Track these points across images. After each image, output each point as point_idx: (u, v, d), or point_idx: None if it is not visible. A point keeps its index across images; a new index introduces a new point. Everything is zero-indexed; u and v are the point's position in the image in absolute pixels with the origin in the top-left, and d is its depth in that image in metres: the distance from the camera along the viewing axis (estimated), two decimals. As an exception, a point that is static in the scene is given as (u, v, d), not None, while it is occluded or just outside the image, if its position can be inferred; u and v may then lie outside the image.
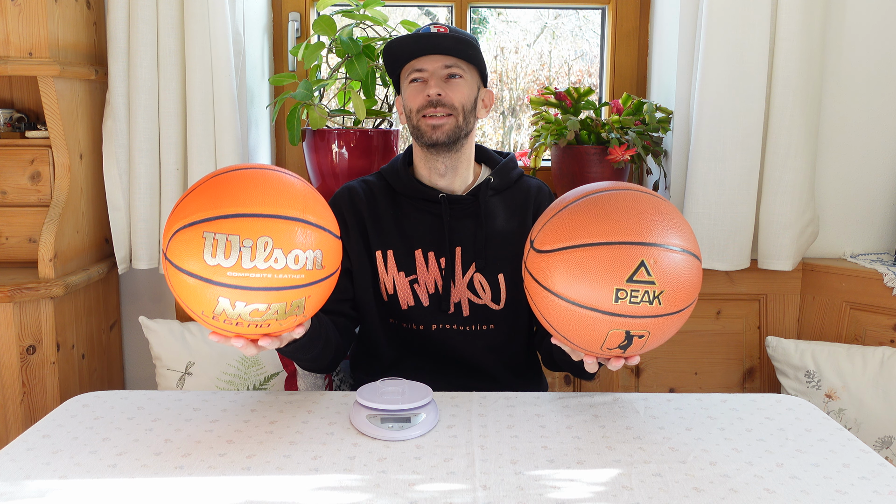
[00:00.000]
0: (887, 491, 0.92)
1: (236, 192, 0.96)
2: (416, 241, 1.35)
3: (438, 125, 1.29)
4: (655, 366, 2.03)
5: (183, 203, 0.97)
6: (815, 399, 1.78)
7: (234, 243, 0.92)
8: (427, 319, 1.35)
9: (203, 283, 0.94)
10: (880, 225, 2.03)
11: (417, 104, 1.30)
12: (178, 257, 0.94)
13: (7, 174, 1.83)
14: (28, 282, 1.67)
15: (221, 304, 0.95)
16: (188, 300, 0.97)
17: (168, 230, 0.97)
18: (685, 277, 0.99)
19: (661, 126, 1.96)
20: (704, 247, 1.89)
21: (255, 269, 0.93)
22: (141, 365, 2.14)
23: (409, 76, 1.32)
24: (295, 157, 2.24)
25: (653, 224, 0.99)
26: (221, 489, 0.92)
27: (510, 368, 1.40)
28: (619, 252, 0.97)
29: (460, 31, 1.32)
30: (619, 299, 0.96)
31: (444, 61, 1.30)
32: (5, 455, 1.00)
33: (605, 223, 0.99)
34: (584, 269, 0.98)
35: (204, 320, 0.99)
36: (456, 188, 1.37)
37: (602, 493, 0.91)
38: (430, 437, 1.06)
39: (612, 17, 2.21)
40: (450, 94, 1.29)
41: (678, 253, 0.99)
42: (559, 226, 1.03)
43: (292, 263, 0.95)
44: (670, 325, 1.01)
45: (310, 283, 0.99)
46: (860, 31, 1.95)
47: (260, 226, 0.94)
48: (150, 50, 1.84)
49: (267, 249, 0.93)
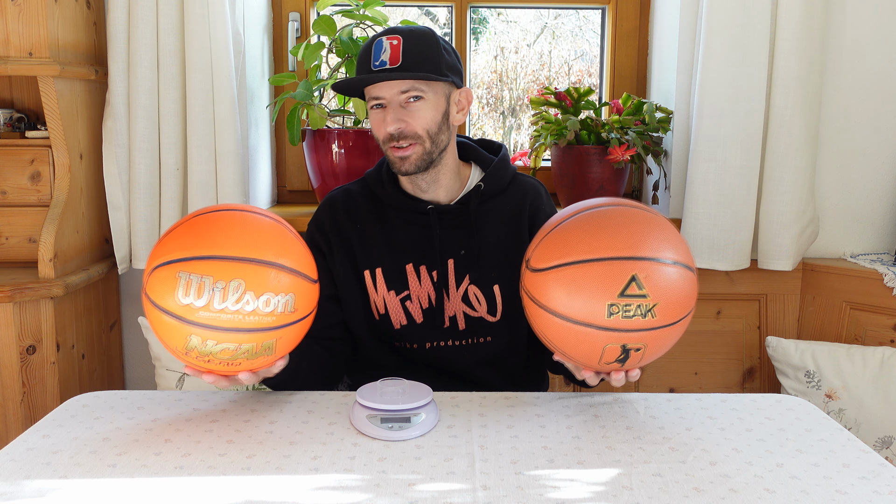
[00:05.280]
0: (887, 491, 0.92)
1: (213, 234, 1.00)
2: (406, 256, 1.31)
3: (405, 157, 1.23)
4: (655, 366, 2.03)
5: (163, 241, 1.02)
6: (815, 399, 1.78)
7: (207, 284, 0.96)
8: (421, 338, 1.32)
9: (176, 320, 0.98)
10: (880, 225, 2.03)
11: (380, 136, 1.25)
12: (154, 294, 0.99)
13: (7, 174, 1.83)
14: (28, 282, 1.67)
15: (193, 342, 0.99)
16: (163, 335, 1.01)
17: (147, 267, 1.01)
18: (678, 290, 1.00)
19: (661, 126, 1.96)
20: (704, 247, 1.88)
21: (225, 311, 0.97)
22: (141, 365, 2.14)
23: (369, 102, 1.25)
24: (295, 157, 2.24)
25: (644, 239, 1.01)
26: (221, 489, 0.92)
27: (509, 380, 1.37)
28: (611, 268, 0.99)
29: (415, 37, 1.22)
30: (612, 314, 0.98)
31: (400, 87, 1.21)
32: (5, 455, 1.00)
33: (597, 240, 1.01)
34: (578, 285, 1.00)
35: (178, 354, 1.03)
36: (442, 199, 1.32)
37: (602, 493, 0.91)
38: (430, 437, 1.06)
39: (612, 17, 2.21)
40: (411, 123, 1.22)
41: (670, 266, 1.00)
42: (552, 244, 1.05)
43: (262, 306, 0.98)
44: (666, 337, 1.03)
45: (280, 326, 1.02)
46: (860, 31, 1.95)
47: (233, 268, 0.97)
48: (150, 50, 1.84)
49: (238, 292, 0.97)
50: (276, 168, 2.26)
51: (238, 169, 1.87)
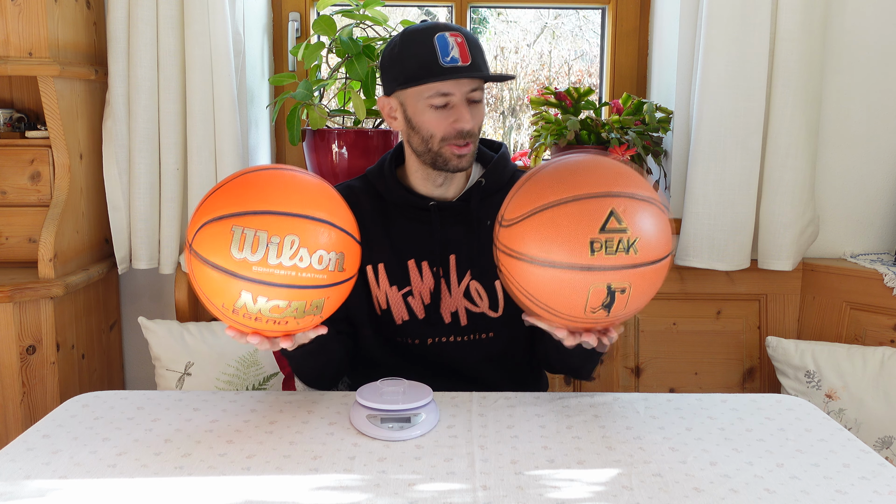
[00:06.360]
0: (887, 491, 0.92)
1: (266, 191, 0.99)
2: (408, 252, 1.32)
3: (464, 154, 1.25)
4: (655, 366, 2.03)
5: (212, 197, 1.00)
6: (815, 399, 1.78)
7: (262, 239, 0.95)
8: (422, 334, 1.33)
9: (227, 276, 0.96)
10: (880, 225, 2.03)
11: (443, 132, 1.24)
12: (204, 249, 0.97)
13: (7, 174, 1.83)
14: (28, 282, 1.67)
15: (243, 298, 0.97)
16: (210, 292, 0.99)
17: (195, 223, 0.99)
18: (655, 224, 1.00)
19: (661, 126, 1.96)
20: (704, 247, 1.88)
21: (280, 266, 0.96)
22: (140, 365, 2.14)
23: (430, 98, 1.22)
24: (295, 157, 2.24)
25: (616, 177, 1.01)
26: (221, 489, 0.92)
27: (511, 377, 1.38)
28: (588, 205, 0.97)
29: (470, 37, 1.24)
30: (595, 251, 0.96)
31: (471, 85, 1.23)
32: (5, 455, 1.00)
33: (569, 181, 1.00)
34: (556, 227, 0.97)
35: (223, 313, 1.01)
36: (449, 195, 1.34)
37: (602, 493, 0.91)
38: (430, 437, 1.06)
39: (612, 17, 2.21)
40: (474, 123, 1.25)
41: (645, 201, 1.00)
42: (524, 195, 1.03)
43: (316, 263, 0.98)
44: (649, 277, 1.00)
45: (331, 285, 1.02)
46: (860, 30, 1.95)
47: (288, 224, 0.97)
48: (150, 50, 1.84)
49: (293, 247, 0.96)
50: (276, 168, 2.25)
51: (238, 169, 1.87)
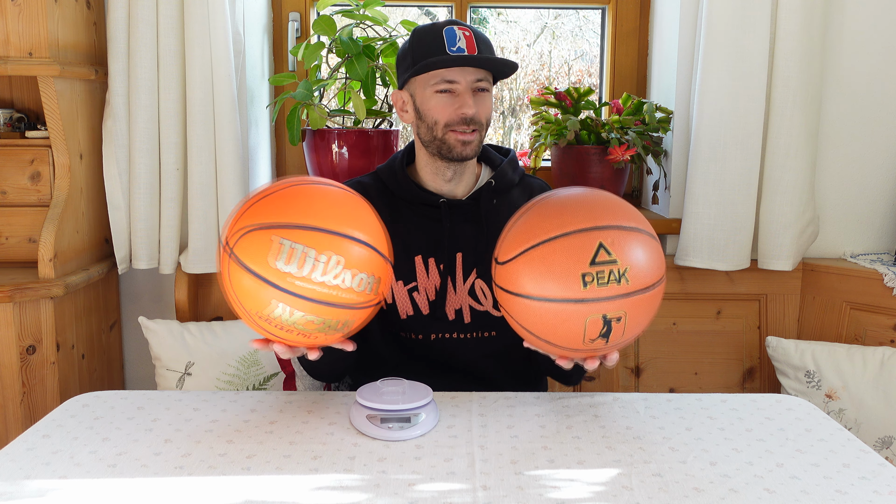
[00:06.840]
0: (887, 491, 0.92)
1: (316, 206, 1.00)
2: (416, 248, 1.34)
3: (468, 141, 1.27)
4: (655, 366, 2.03)
5: (259, 203, 1.00)
6: (815, 399, 1.78)
7: (311, 256, 0.96)
8: (426, 329, 1.34)
9: (266, 284, 0.96)
10: (880, 225, 2.03)
11: (447, 118, 1.27)
12: (245, 254, 0.97)
13: (7, 174, 1.83)
14: (28, 282, 1.67)
15: (280, 309, 0.97)
16: (243, 298, 0.99)
17: (237, 225, 0.99)
18: (645, 252, 1.02)
19: (661, 126, 1.96)
20: (704, 247, 1.88)
21: (322, 284, 0.97)
22: (141, 365, 2.14)
23: (436, 85, 1.27)
24: (295, 157, 2.24)
25: (603, 210, 1.04)
26: (221, 489, 0.92)
27: (512, 375, 1.39)
28: (576, 240, 1.00)
29: (478, 33, 1.28)
30: (588, 283, 0.99)
31: (476, 75, 1.27)
32: (5, 455, 1.00)
33: (557, 218, 1.03)
34: (548, 263, 1.01)
35: (253, 319, 1.01)
36: (458, 193, 1.36)
37: (602, 493, 0.91)
38: (430, 437, 1.06)
39: (612, 17, 2.21)
40: (480, 111, 1.27)
41: (633, 230, 1.02)
42: (516, 235, 1.06)
43: (356, 286, 0.99)
44: (644, 304, 1.02)
45: (363, 307, 1.03)
46: (860, 31, 1.95)
47: (335, 244, 0.98)
48: (150, 50, 1.84)
49: (339, 267, 0.97)
50: (276, 168, 2.26)
51: (238, 169, 1.87)
